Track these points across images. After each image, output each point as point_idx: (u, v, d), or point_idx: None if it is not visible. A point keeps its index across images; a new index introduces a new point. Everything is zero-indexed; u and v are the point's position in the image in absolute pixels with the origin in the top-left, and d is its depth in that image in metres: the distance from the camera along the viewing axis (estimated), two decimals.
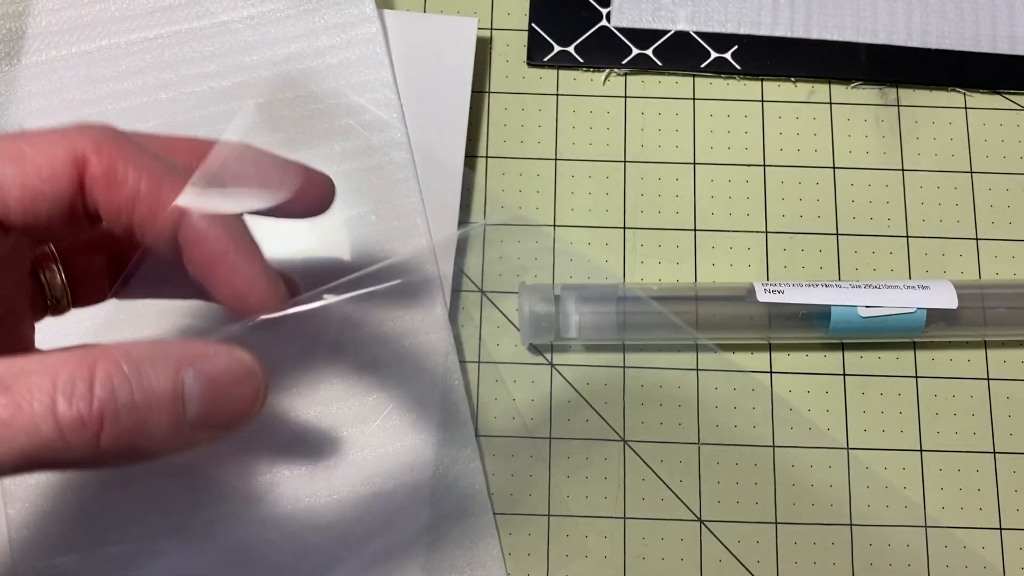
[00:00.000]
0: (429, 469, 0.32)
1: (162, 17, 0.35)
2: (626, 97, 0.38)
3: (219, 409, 0.19)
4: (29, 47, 0.35)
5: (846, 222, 0.36)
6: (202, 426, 0.19)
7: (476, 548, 0.32)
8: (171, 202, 0.21)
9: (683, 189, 0.36)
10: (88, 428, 0.17)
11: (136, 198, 0.21)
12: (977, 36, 0.38)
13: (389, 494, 0.31)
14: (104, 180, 0.20)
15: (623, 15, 0.38)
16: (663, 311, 0.33)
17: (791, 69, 0.38)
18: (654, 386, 0.34)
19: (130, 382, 0.18)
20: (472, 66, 0.36)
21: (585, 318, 0.33)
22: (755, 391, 0.34)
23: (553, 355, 0.34)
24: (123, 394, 0.18)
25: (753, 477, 0.33)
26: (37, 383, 0.17)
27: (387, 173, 0.34)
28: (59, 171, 0.20)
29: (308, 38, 0.35)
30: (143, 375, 0.18)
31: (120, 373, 0.18)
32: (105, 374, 0.18)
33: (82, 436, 0.17)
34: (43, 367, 0.17)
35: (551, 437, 0.34)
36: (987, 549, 0.33)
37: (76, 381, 0.17)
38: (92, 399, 0.17)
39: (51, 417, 0.17)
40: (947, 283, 0.33)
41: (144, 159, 0.21)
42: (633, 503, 0.33)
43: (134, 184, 0.20)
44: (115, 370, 0.18)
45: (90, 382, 0.17)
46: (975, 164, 0.37)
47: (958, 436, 0.34)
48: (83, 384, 0.17)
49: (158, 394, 0.18)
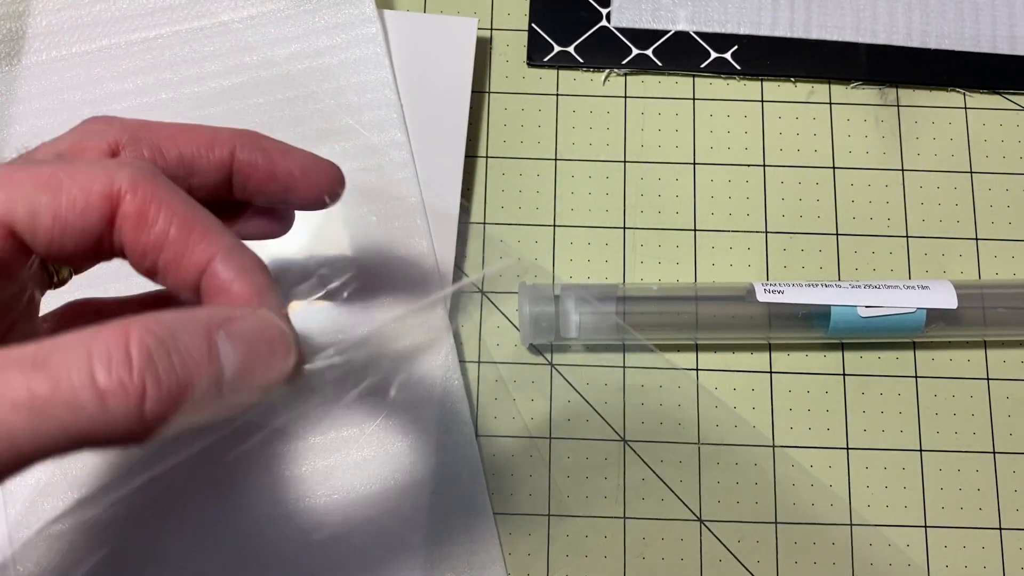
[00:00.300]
0: (429, 469, 0.32)
1: (162, 17, 0.35)
2: (626, 97, 0.38)
3: (255, 368, 0.19)
4: (29, 47, 0.35)
5: (846, 222, 0.36)
6: (241, 387, 0.19)
7: (476, 548, 0.32)
8: (198, 250, 0.21)
9: (683, 189, 0.36)
10: (131, 395, 0.17)
11: (164, 242, 0.20)
12: (977, 36, 0.38)
13: (389, 494, 0.31)
14: (135, 220, 0.20)
15: (623, 15, 0.38)
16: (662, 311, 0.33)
17: (791, 69, 0.38)
18: (654, 386, 0.34)
19: (166, 345, 0.18)
20: (472, 66, 0.36)
21: (585, 318, 0.33)
22: (754, 391, 0.34)
23: (553, 355, 0.34)
24: (161, 357, 0.17)
25: (753, 477, 0.33)
26: (73, 356, 0.17)
27: (387, 173, 0.34)
28: (92, 205, 0.19)
29: (308, 38, 0.35)
30: (177, 338, 0.18)
31: (155, 338, 0.18)
32: (140, 340, 0.17)
33: (126, 404, 0.17)
34: (76, 340, 0.17)
35: (551, 437, 0.34)
36: (987, 549, 0.33)
37: (112, 350, 0.17)
38: (131, 365, 0.17)
39: (91, 387, 0.17)
40: (947, 283, 0.33)
41: (177, 202, 0.20)
42: (633, 503, 0.33)
43: (164, 227, 0.20)
44: (149, 336, 0.17)
45: (126, 348, 0.17)
46: (975, 164, 0.37)
47: (958, 436, 0.34)
48: (119, 351, 0.17)
49: (195, 356, 0.18)
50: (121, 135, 0.22)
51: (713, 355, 0.35)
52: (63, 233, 0.19)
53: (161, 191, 0.20)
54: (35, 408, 0.16)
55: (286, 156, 0.24)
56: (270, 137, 0.24)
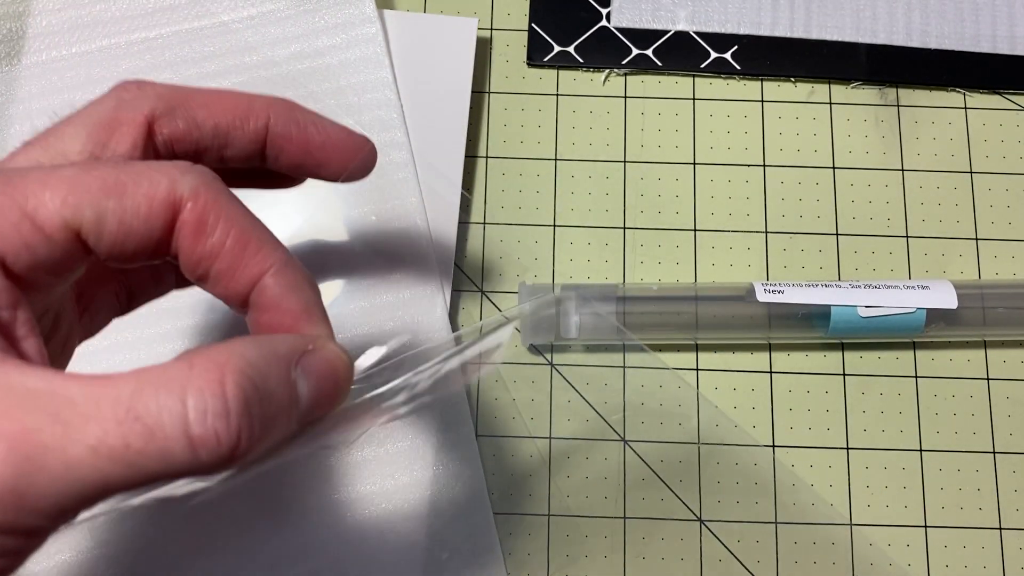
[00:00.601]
0: (429, 469, 0.32)
1: (162, 17, 0.35)
2: (626, 97, 0.38)
3: (322, 401, 0.20)
4: (29, 47, 0.35)
5: (846, 222, 0.36)
6: (307, 419, 0.19)
7: (476, 548, 0.32)
8: (252, 263, 0.20)
9: (683, 189, 0.36)
10: (224, 445, 0.17)
11: (219, 252, 0.20)
12: (977, 36, 0.38)
13: (389, 494, 0.31)
14: (193, 228, 0.20)
15: (623, 15, 0.38)
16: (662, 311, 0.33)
17: (791, 69, 0.38)
18: (654, 386, 0.34)
19: (259, 392, 0.18)
20: (472, 66, 0.36)
21: (585, 318, 0.33)
22: (754, 391, 0.34)
23: (553, 355, 0.34)
24: (254, 405, 0.17)
25: (753, 477, 0.33)
26: (167, 404, 0.16)
27: (387, 173, 0.34)
28: (156, 211, 0.19)
29: (308, 38, 0.35)
30: (267, 382, 0.18)
31: (250, 385, 0.17)
32: (237, 388, 0.17)
33: (218, 452, 0.17)
34: (169, 383, 0.17)
35: (551, 437, 0.34)
36: (987, 549, 0.33)
37: (208, 398, 0.17)
38: (228, 416, 0.17)
39: (184, 440, 0.16)
40: (947, 283, 0.33)
41: (235, 213, 0.20)
42: (633, 503, 0.33)
43: (221, 237, 0.20)
44: (246, 382, 0.17)
45: (224, 397, 0.17)
46: (975, 164, 0.37)
47: (958, 436, 0.34)
48: (217, 401, 0.17)
49: (282, 399, 0.18)
50: (156, 105, 0.22)
51: (713, 355, 0.35)
52: (126, 238, 0.19)
53: (221, 200, 0.20)
54: (127, 459, 0.16)
55: (321, 129, 0.24)
56: (305, 108, 0.24)
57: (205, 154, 0.23)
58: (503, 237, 0.36)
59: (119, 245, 0.19)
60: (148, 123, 0.22)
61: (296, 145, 0.24)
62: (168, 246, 0.20)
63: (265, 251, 0.21)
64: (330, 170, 0.24)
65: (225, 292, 0.21)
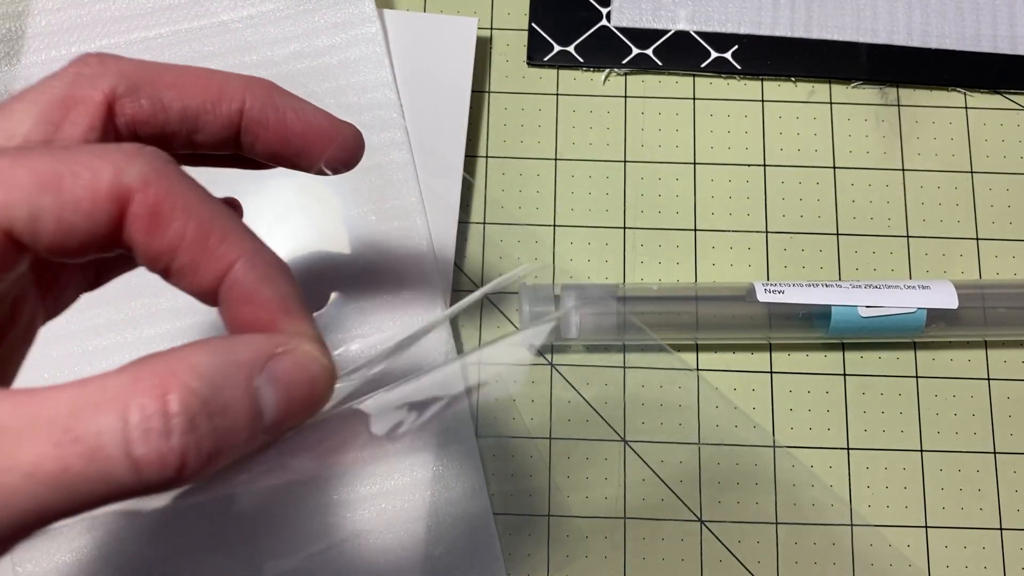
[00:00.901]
0: (429, 469, 0.32)
1: (162, 17, 0.35)
2: (626, 97, 0.37)
3: (294, 410, 0.18)
4: (29, 47, 0.35)
5: (846, 222, 0.36)
6: (277, 430, 0.18)
7: (476, 549, 0.32)
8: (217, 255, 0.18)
9: (683, 189, 0.36)
10: (169, 465, 0.16)
11: (179, 245, 0.18)
12: (977, 36, 0.38)
13: (389, 495, 0.31)
14: (145, 221, 0.18)
15: (623, 15, 0.38)
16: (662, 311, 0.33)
17: (791, 69, 0.38)
18: (654, 386, 0.34)
19: (207, 406, 0.16)
20: (472, 66, 0.36)
21: (585, 318, 0.33)
22: (755, 391, 0.34)
23: (553, 355, 0.34)
24: (203, 422, 0.16)
25: (753, 477, 0.33)
26: (107, 423, 0.15)
27: (387, 173, 0.34)
28: (100, 206, 0.17)
29: (308, 38, 0.35)
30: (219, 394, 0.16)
31: (195, 398, 0.16)
32: (181, 402, 0.16)
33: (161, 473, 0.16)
34: (109, 400, 0.16)
35: (551, 437, 0.34)
36: (987, 549, 0.33)
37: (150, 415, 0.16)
38: (171, 434, 0.16)
39: (126, 460, 0.15)
40: (947, 283, 0.33)
41: (194, 200, 0.18)
42: (633, 503, 0.33)
43: (178, 230, 0.18)
44: (192, 396, 0.16)
45: (166, 413, 0.16)
46: (975, 164, 0.37)
47: (958, 436, 0.34)
48: (159, 419, 0.16)
49: (238, 413, 0.17)
50: (119, 82, 0.20)
51: (713, 355, 0.35)
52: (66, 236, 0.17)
53: (175, 188, 0.18)
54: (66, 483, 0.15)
55: (301, 115, 0.22)
56: (286, 91, 0.22)
57: (173, 139, 0.21)
58: (503, 237, 0.36)
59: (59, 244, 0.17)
60: (108, 102, 0.20)
61: (273, 132, 0.22)
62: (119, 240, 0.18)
63: (230, 241, 0.19)
64: (311, 160, 0.22)
65: (191, 288, 0.19)
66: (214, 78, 0.21)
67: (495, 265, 0.35)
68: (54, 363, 0.31)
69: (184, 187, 0.18)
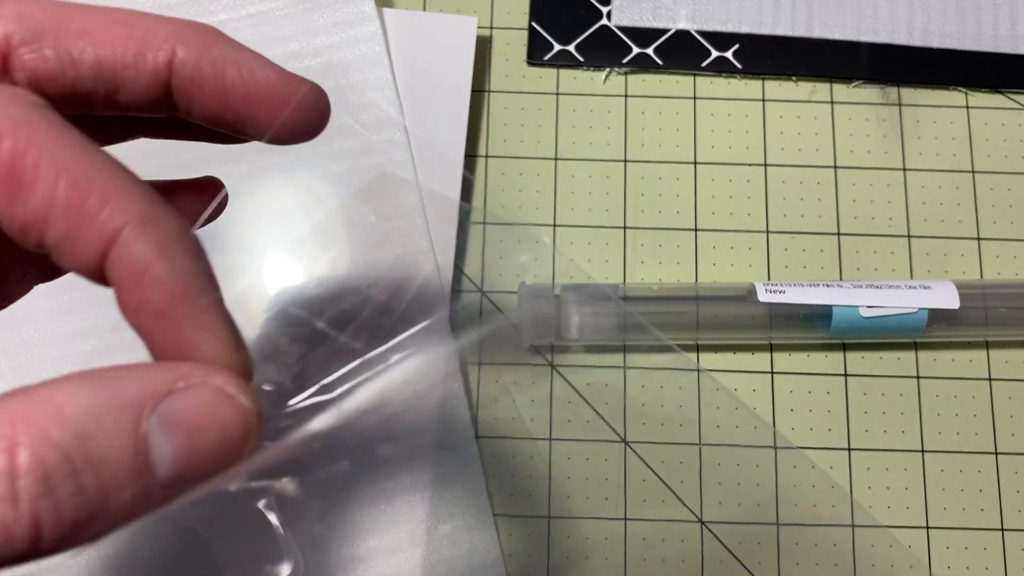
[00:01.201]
0: (429, 470, 0.32)
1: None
2: (626, 96, 0.37)
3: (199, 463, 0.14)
4: None
5: (847, 222, 0.36)
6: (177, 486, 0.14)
7: (476, 550, 0.32)
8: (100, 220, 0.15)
9: (684, 189, 0.36)
10: (17, 537, 0.13)
11: (49, 212, 0.15)
12: (979, 35, 0.38)
13: (388, 495, 0.31)
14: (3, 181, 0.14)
15: (623, 14, 0.38)
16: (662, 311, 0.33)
17: (792, 68, 0.37)
18: (655, 387, 0.34)
19: (70, 461, 0.13)
20: (472, 65, 0.36)
21: (585, 318, 0.33)
22: (755, 391, 0.34)
23: (553, 356, 0.34)
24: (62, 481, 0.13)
25: (754, 478, 0.33)
26: None
27: (386, 172, 0.34)
28: None
29: (307, 37, 0.35)
30: (88, 444, 0.13)
31: (53, 451, 0.13)
32: (32, 459, 0.13)
33: (10, 547, 0.13)
34: None
35: (551, 438, 0.34)
36: (989, 550, 0.33)
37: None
38: (18, 499, 0.13)
39: None
40: (949, 283, 0.33)
41: (66, 154, 0.15)
42: (634, 504, 0.33)
43: (47, 191, 0.14)
44: (45, 449, 0.13)
45: (12, 475, 0.13)
46: (977, 163, 0.37)
47: (960, 437, 0.34)
48: (3, 480, 0.13)
49: (114, 467, 0.13)
50: (15, 28, 0.16)
51: (714, 355, 0.35)
52: None
53: (41, 138, 0.15)
54: None
55: (247, 72, 0.18)
56: (228, 39, 0.18)
57: (89, 99, 0.17)
58: (503, 237, 0.36)
59: None
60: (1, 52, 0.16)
61: (209, 92, 0.18)
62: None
63: (115, 203, 0.15)
64: (259, 127, 0.18)
65: (74, 265, 0.15)
66: (137, 24, 0.17)
67: (495, 265, 0.35)
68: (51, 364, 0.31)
69: (56, 135, 0.15)
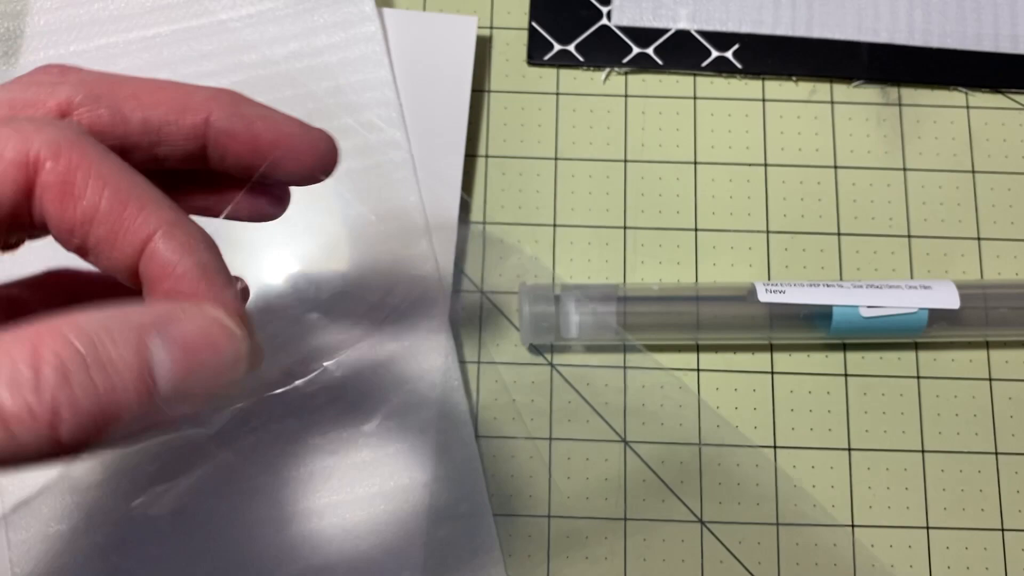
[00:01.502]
0: (428, 470, 0.32)
1: (160, 16, 0.35)
2: (627, 96, 0.37)
3: (195, 378, 0.17)
4: (27, 46, 0.35)
5: (848, 222, 0.36)
6: (177, 399, 0.17)
7: (476, 549, 0.32)
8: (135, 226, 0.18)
9: (684, 189, 0.36)
10: (40, 422, 0.15)
11: (94, 217, 0.18)
12: (979, 35, 0.38)
13: (388, 495, 0.31)
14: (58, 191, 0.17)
15: (624, 14, 0.38)
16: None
17: (792, 68, 0.37)
18: (655, 386, 0.34)
19: (85, 360, 0.15)
20: (472, 65, 0.36)
21: (585, 318, 0.33)
22: (756, 391, 0.34)
23: (553, 355, 0.34)
24: (78, 375, 0.15)
25: (754, 478, 0.33)
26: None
27: (386, 172, 0.34)
28: (5, 174, 0.17)
29: (307, 37, 0.35)
30: (101, 349, 0.16)
31: (71, 351, 0.15)
32: (53, 354, 0.15)
33: (34, 431, 0.15)
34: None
35: (551, 438, 0.34)
36: (989, 550, 0.33)
37: (20, 366, 0.15)
38: (40, 387, 0.15)
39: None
40: (949, 283, 0.33)
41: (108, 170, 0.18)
42: (634, 504, 0.33)
43: (93, 200, 0.17)
44: (65, 348, 0.15)
45: (35, 366, 0.15)
46: (977, 163, 0.37)
47: (960, 437, 0.34)
48: (27, 370, 0.15)
49: (121, 371, 0.16)
50: (75, 92, 0.19)
51: (714, 355, 0.35)
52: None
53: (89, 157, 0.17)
54: None
55: (269, 124, 0.21)
56: (253, 100, 0.22)
57: (134, 151, 0.20)
58: (503, 237, 0.36)
59: None
60: (62, 111, 0.19)
61: (242, 143, 0.21)
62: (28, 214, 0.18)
63: (148, 211, 0.18)
64: (284, 170, 0.22)
65: (110, 264, 0.18)
66: (178, 90, 0.21)
67: (495, 265, 0.35)
68: None
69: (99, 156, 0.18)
